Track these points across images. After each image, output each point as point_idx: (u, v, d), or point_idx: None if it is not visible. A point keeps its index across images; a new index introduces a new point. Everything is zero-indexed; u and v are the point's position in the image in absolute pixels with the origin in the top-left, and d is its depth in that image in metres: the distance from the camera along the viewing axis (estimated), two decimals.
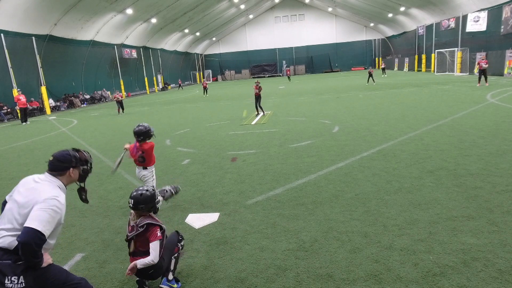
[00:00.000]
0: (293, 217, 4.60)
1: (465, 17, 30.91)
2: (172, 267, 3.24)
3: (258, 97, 14.55)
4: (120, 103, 20.26)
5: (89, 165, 2.76)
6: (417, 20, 42.16)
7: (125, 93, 37.42)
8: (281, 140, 9.46)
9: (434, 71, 36.85)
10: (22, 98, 18.99)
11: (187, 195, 5.65)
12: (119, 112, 20.37)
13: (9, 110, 22.83)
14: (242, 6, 49.89)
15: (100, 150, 9.93)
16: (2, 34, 20.91)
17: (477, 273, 3.15)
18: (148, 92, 42.79)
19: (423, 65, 41.51)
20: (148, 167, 4.92)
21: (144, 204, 3.06)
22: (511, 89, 17.31)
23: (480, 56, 27.69)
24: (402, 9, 41.02)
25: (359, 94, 20.08)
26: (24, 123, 18.88)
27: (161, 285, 3.22)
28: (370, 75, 27.84)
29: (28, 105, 20.96)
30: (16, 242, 2.25)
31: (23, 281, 2.27)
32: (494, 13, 27.59)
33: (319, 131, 10.32)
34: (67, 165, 2.58)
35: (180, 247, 3.42)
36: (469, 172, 5.81)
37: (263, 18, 63.06)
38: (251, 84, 16.03)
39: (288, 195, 5.41)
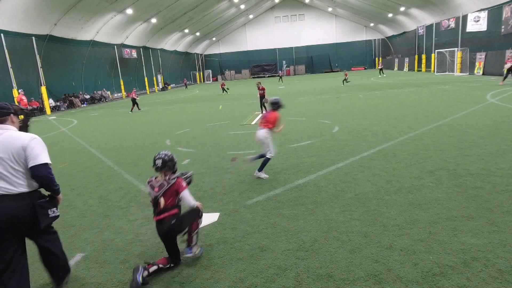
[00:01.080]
0: (293, 217, 4.60)
1: (465, 17, 30.92)
2: (193, 242, 3.73)
3: (262, 97, 14.93)
4: (134, 101, 20.42)
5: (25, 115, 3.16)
6: (417, 20, 42.16)
7: (125, 93, 37.44)
8: (281, 140, 9.46)
9: (434, 71, 36.85)
10: (25, 99, 18.97)
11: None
12: (131, 110, 20.46)
13: None
14: (242, 6, 49.90)
15: (100, 150, 9.93)
16: (2, 34, 20.92)
17: (477, 273, 3.15)
18: (148, 92, 42.81)
19: (423, 65, 41.52)
20: (270, 130, 6.23)
21: (170, 161, 3.59)
22: (511, 89, 17.31)
23: (508, 54, 26.59)
24: (402, 9, 41.03)
25: (359, 94, 20.08)
26: None
27: (186, 254, 3.72)
28: (345, 78, 29.15)
29: (27, 106, 20.94)
30: (33, 183, 2.83)
31: (56, 210, 3.09)
32: (494, 13, 27.60)
33: (319, 131, 10.32)
34: (6, 111, 2.96)
35: (200, 223, 3.80)
36: (469, 172, 5.81)
37: (263, 18, 63.08)
38: (251, 84, 16.07)
39: (288, 195, 5.41)
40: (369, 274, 3.25)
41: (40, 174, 2.82)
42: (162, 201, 3.50)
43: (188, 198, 3.60)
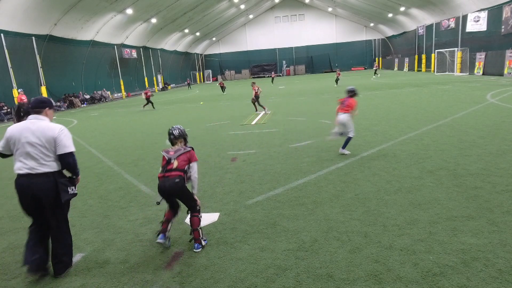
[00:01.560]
0: (293, 217, 4.60)
1: (465, 17, 30.92)
2: (200, 236, 3.96)
3: (257, 97, 15.17)
4: (149, 100, 20.76)
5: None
6: (417, 20, 42.16)
7: (125, 93, 37.44)
8: (281, 140, 9.46)
9: (434, 71, 36.85)
10: (25, 99, 18.91)
11: None
12: (144, 107, 20.86)
13: (8, 110, 22.82)
14: (242, 6, 49.91)
15: (100, 150, 9.93)
16: (2, 34, 20.92)
17: (477, 273, 3.15)
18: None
19: (423, 65, 41.52)
20: (350, 113, 7.33)
21: (183, 132, 4.15)
22: (511, 89, 17.31)
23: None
24: (402, 9, 41.04)
25: (359, 94, 20.08)
26: None
27: (196, 250, 3.92)
28: (337, 78, 29.27)
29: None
30: (56, 165, 3.48)
31: (75, 189, 3.64)
32: (494, 13, 27.60)
33: (319, 131, 10.32)
34: (43, 104, 3.58)
35: (201, 218, 4.06)
36: (469, 172, 5.81)
37: (263, 18, 63.09)
38: (251, 84, 16.11)
39: (288, 195, 5.41)
40: (369, 274, 3.25)
41: (66, 161, 3.49)
42: (175, 162, 3.92)
43: (195, 170, 4.03)
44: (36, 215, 3.54)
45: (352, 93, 7.53)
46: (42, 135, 3.38)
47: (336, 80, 28.91)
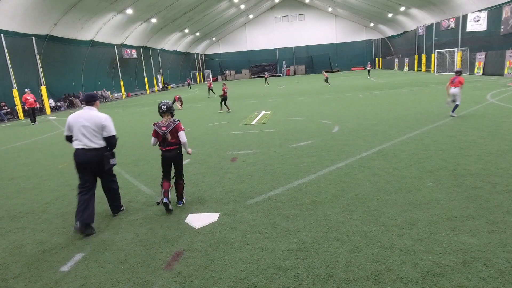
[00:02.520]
0: (293, 217, 4.60)
1: (465, 17, 30.91)
2: (183, 197, 5.35)
3: (225, 98, 16.66)
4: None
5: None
6: (417, 20, 42.15)
7: (125, 93, 37.43)
8: (281, 140, 9.46)
9: (434, 71, 36.84)
10: (30, 98, 18.71)
11: (187, 195, 5.65)
12: (181, 107, 19.85)
13: (9, 110, 22.82)
14: (242, 6, 49.90)
15: None
16: (2, 34, 20.91)
17: (477, 273, 3.15)
18: (148, 92, 42.79)
19: (423, 65, 41.51)
20: (459, 87, 10.55)
21: (171, 107, 5.05)
22: (511, 89, 17.30)
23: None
24: (402, 9, 41.02)
25: (359, 94, 20.08)
26: (32, 123, 18.45)
27: (179, 204, 5.26)
28: (326, 78, 29.30)
29: (37, 105, 20.66)
30: (103, 142, 4.68)
31: (115, 160, 4.85)
32: (494, 13, 27.59)
33: (319, 131, 10.32)
34: (95, 98, 4.90)
35: (184, 184, 5.37)
36: (469, 172, 5.81)
37: (263, 18, 63.07)
38: (251, 84, 16.14)
39: (288, 195, 5.41)
40: (369, 274, 3.25)
41: (110, 141, 4.74)
42: (169, 136, 4.94)
43: (183, 136, 5.04)
44: (86, 177, 4.66)
45: (459, 73, 10.63)
46: (93, 120, 4.58)
47: (326, 80, 29.03)
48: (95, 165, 4.65)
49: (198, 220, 4.74)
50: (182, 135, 5.03)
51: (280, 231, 4.24)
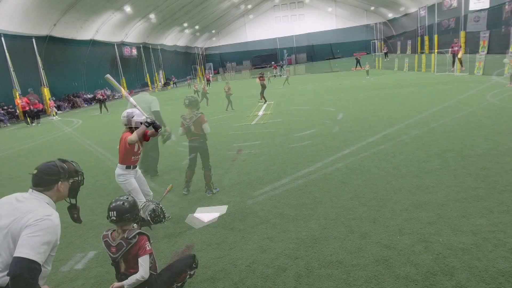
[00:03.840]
0: (301, 206, 4.60)
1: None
2: (212, 186, 5.13)
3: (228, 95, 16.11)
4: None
5: (80, 176, 2.42)
6: (419, 0, 41.42)
7: (127, 90, 37.42)
8: (285, 129, 9.43)
9: (435, 54, 36.26)
10: (32, 98, 18.94)
11: (193, 189, 5.67)
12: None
13: (9, 111, 22.89)
14: None
15: (106, 149, 9.98)
16: (2, 36, 20.90)
17: (488, 253, 3.14)
18: (150, 89, 42.78)
19: (426, 47, 40.92)
20: None
21: (129, 212, 2.76)
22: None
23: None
24: None
25: (362, 80, 19.89)
26: (34, 124, 18.89)
27: (208, 194, 5.28)
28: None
29: (41, 106, 20.89)
30: (7, 278, 1.91)
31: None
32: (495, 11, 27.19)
33: (324, 118, 10.27)
34: (55, 178, 2.24)
35: (189, 276, 2.97)
36: (477, 153, 5.76)
37: (262, 7, 62.40)
38: (251, 81, 16.05)
39: (295, 184, 5.41)
40: (379, 259, 3.26)
41: (15, 272, 1.87)
42: (122, 265, 2.74)
43: (207, 127, 5.33)
44: None
45: None
46: (13, 217, 2.05)
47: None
48: None
49: (206, 213, 4.76)
50: (206, 127, 5.24)
51: (289, 221, 4.25)
